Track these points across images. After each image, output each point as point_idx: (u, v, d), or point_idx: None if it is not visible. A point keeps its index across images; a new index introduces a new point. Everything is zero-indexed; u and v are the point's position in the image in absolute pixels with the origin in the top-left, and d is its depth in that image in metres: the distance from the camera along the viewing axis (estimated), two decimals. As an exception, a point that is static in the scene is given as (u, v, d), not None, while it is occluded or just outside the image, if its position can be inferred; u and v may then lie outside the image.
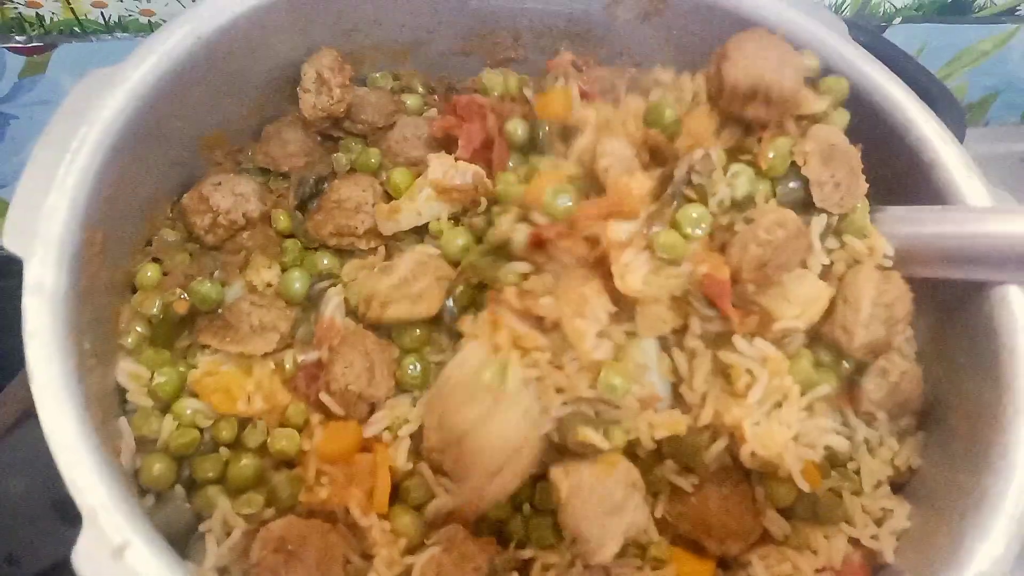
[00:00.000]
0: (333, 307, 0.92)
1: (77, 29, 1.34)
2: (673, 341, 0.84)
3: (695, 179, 0.82)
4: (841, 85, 0.91)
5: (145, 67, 0.87)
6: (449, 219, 0.95)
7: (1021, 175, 1.77)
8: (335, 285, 0.95)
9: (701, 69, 0.90)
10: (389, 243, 0.97)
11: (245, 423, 0.87)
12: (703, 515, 0.84)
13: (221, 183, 0.96)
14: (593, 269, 0.80)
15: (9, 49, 1.37)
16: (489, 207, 0.94)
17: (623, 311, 0.80)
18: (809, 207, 0.87)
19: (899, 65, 1.00)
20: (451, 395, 0.77)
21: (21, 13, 1.31)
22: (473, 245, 0.92)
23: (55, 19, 1.33)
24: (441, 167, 0.95)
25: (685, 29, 1.07)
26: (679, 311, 0.82)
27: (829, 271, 0.88)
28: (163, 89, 0.88)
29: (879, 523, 0.89)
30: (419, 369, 0.90)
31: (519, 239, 0.81)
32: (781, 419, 0.83)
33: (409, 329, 0.91)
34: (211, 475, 0.84)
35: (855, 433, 0.90)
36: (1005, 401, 0.82)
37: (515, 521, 0.86)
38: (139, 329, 0.88)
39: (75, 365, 0.73)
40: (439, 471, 0.85)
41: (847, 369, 0.89)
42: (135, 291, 0.91)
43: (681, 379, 0.84)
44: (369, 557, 0.81)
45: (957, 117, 1.08)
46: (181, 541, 0.80)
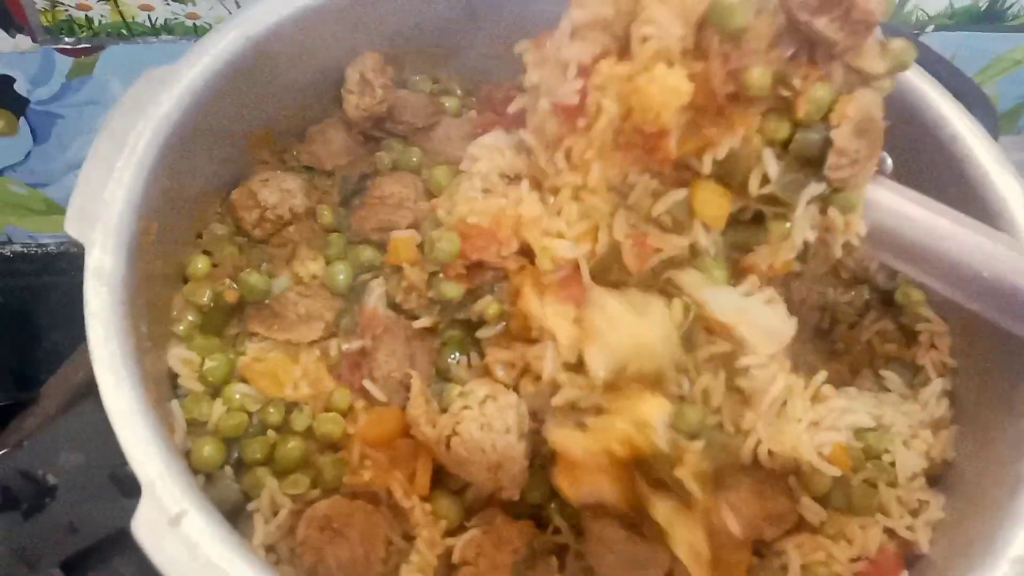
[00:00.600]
0: (375, 298, 0.95)
1: (124, 32, 1.37)
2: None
3: None
4: (908, 53, 0.79)
5: (199, 67, 0.89)
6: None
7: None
8: (377, 277, 0.97)
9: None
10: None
11: (292, 407, 0.89)
12: (735, 501, 0.84)
13: (268, 180, 0.99)
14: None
15: (58, 50, 1.40)
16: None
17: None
18: (811, 164, 0.79)
19: (932, 67, 1.01)
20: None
21: (71, 15, 1.34)
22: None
23: (103, 21, 1.36)
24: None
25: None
26: None
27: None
28: (215, 88, 0.91)
29: (914, 514, 0.89)
30: (460, 359, 0.93)
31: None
32: (789, 415, 0.84)
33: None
34: (259, 457, 0.86)
35: (884, 418, 0.90)
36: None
37: (551, 507, 0.88)
38: (190, 317, 0.92)
39: (133, 346, 0.76)
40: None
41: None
42: (186, 282, 0.95)
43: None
44: (411, 538, 0.83)
45: (990, 116, 1.09)
46: (230, 519, 0.81)
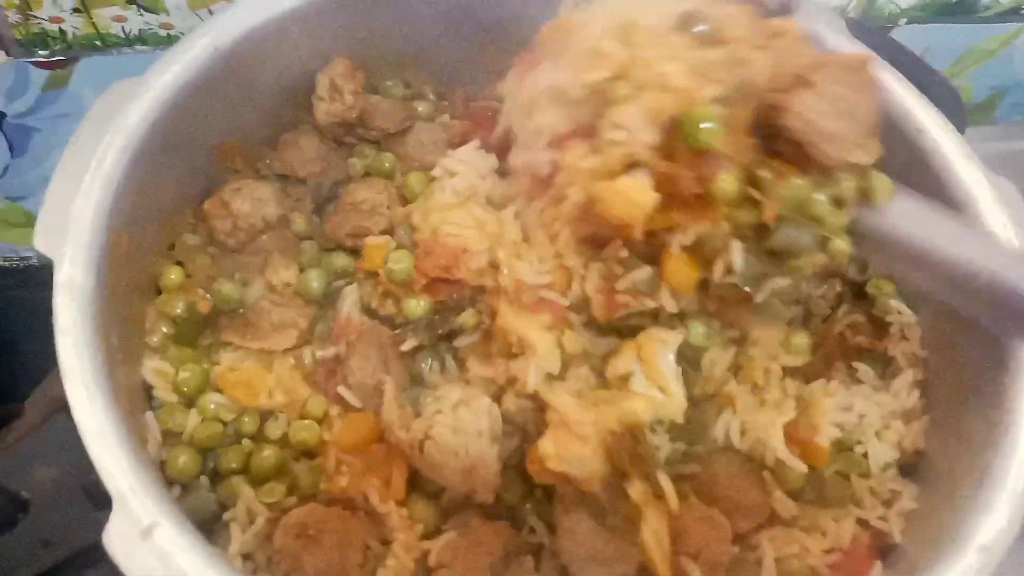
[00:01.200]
0: (349, 304, 0.95)
1: (98, 43, 1.37)
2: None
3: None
4: (881, 185, 0.77)
5: (166, 78, 0.89)
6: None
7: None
8: (351, 284, 0.98)
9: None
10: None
11: (267, 416, 0.90)
12: (710, 488, 0.86)
13: (241, 189, 0.99)
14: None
15: (32, 63, 1.40)
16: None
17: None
18: (777, 256, 0.78)
19: (898, 61, 1.02)
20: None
21: (44, 28, 1.33)
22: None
23: (77, 34, 1.35)
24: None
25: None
26: None
27: None
28: (183, 99, 0.90)
29: (887, 504, 0.90)
30: (432, 365, 0.93)
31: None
32: (765, 397, 0.87)
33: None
34: (235, 466, 0.87)
35: (856, 408, 0.91)
36: (1007, 381, 0.84)
37: (526, 507, 0.88)
38: (164, 329, 0.92)
39: (104, 359, 0.76)
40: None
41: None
42: (159, 293, 0.95)
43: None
44: (388, 542, 0.83)
45: (957, 109, 1.10)
46: (206, 529, 0.82)
